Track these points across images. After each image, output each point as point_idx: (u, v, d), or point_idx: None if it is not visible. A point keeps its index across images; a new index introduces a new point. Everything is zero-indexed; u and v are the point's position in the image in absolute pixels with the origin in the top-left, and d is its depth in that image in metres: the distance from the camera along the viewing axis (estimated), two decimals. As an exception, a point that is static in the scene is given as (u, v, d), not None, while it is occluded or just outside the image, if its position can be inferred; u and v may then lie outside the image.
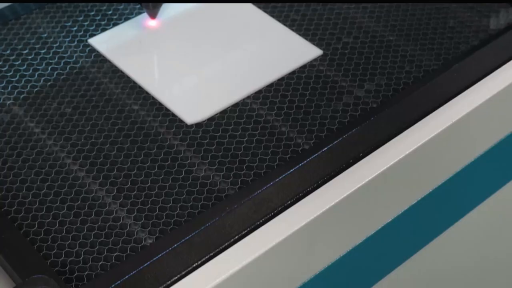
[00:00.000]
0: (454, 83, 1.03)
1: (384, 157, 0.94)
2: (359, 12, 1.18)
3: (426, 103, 1.00)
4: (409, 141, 0.96)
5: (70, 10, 1.19)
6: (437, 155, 1.00)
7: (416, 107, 1.00)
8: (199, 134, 1.02)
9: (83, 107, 1.06)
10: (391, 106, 1.01)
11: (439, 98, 1.01)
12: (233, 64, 1.11)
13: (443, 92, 1.01)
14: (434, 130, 0.97)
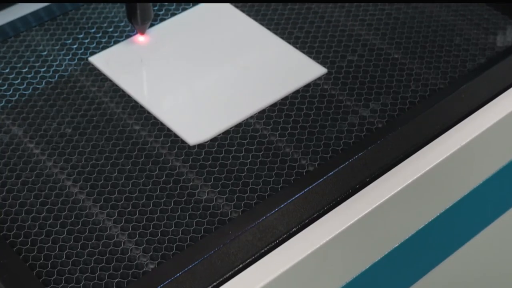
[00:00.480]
0: (462, 104, 1.01)
1: (391, 183, 0.92)
2: (364, 29, 1.17)
3: (434, 125, 0.98)
4: (416, 166, 0.94)
5: (70, 28, 1.17)
6: (444, 179, 0.98)
7: (423, 130, 0.98)
8: (202, 155, 1.00)
9: (83, 128, 1.04)
10: (398, 129, 0.99)
11: (447, 120, 0.99)
12: (236, 83, 1.09)
13: (451, 114, 0.99)
14: (442, 154, 0.95)
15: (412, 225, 0.99)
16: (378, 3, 1.20)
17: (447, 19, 1.18)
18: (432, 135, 0.97)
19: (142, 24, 1.11)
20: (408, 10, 1.19)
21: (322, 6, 1.20)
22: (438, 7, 1.20)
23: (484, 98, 1.02)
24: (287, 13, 1.19)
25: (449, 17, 1.18)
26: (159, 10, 1.20)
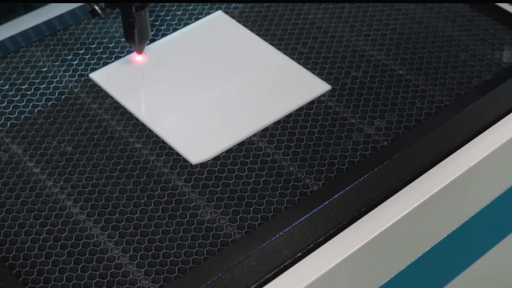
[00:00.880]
0: (470, 124, 0.99)
1: (397, 206, 0.90)
2: (368, 44, 1.15)
3: (441, 146, 0.97)
4: (423, 188, 0.92)
5: (71, 43, 1.16)
6: (452, 201, 0.96)
7: (430, 151, 0.96)
8: (204, 174, 0.99)
9: (84, 146, 1.02)
10: (404, 149, 0.97)
11: (454, 140, 0.97)
12: (239, 100, 1.07)
13: (458, 135, 0.98)
14: (449, 176, 0.93)
15: (419, 247, 0.97)
16: (382, 19, 1.18)
17: (453, 34, 1.17)
18: (439, 156, 0.95)
19: (139, 44, 1.09)
20: (413, 25, 1.18)
21: (325, 21, 1.18)
22: (443, 22, 1.18)
23: (492, 118, 1.00)
24: (290, 28, 1.18)
25: (455, 32, 1.17)
26: (161, 25, 1.18)
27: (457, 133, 0.99)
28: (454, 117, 1.01)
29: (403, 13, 1.20)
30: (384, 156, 0.98)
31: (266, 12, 1.20)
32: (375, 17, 1.19)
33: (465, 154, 0.96)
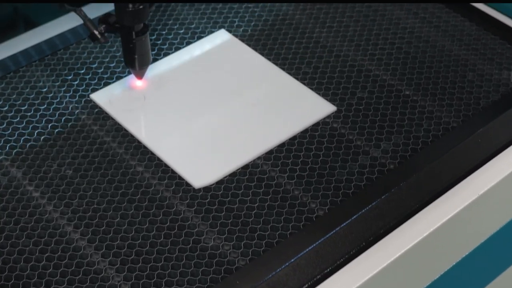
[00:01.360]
0: (479, 150, 0.97)
1: (405, 235, 0.88)
2: (374, 64, 1.13)
3: (450, 172, 0.95)
4: (432, 217, 0.90)
5: (72, 62, 1.14)
6: (461, 229, 0.94)
7: (439, 177, 0.94)
8: (207, 199, 0.97)
9: (84, 169, 1.00)
10: (412, 175, 0.95)
11: (463, 166, 0.95)
12: (242, 122, 1.05)
13: (467, 161, 0.96)
14: (459, 204, 0.91)
15: (428, 276, 0.95)
16: (388, 38, 1.16)
17: (459, 53, 1.15)
18: (449, 182, 0.93)
19: (140, 69, 1.07)
20: (419, 44, 1.16)
21: (330, 39, 1.16)
22: (450, 41, 1.16)
23: (502, 143, 0.98)
24: (295, 47, 1.16)
25: (461, 51, 1.15)
26: (163, 44, 1.16)
27: (466, 159, 0.97)
28: (463, 142, 0.99)
29: (409, 31, 1.18)
30: (391, 180, 0.96)
31: (269, 31, 1.18)
32: (381, 35, 1.17)
33: (475, 181, 0.94)
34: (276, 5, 1.22)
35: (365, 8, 1.21)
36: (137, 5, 1.00)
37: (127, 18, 1.01)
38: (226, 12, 1.21)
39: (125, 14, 1.00)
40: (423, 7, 1.21)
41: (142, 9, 1.00)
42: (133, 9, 1.00)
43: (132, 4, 0.99)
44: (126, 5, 0.99)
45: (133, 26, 1.02)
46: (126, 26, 1.02)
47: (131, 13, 1.00)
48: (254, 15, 1.20)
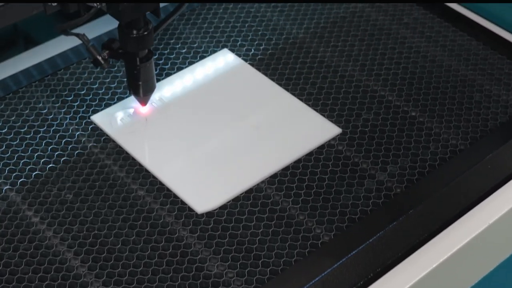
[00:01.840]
0: (489, 176, 0.95)
1: (415, 265, 0.86)
2: (379, 84, 1.11)
3: (460, 200, 0.93)
4: (442, 247, 0.88)
5: (72, 83, 1.12)
6: (472, 258, 0.92)
7: (449, 205, 0.92)
8: (210, 224, 0.95)
9: (85, 193, 0.98)
10: (421, 203, 0.93)
11: (473, 194, 0.93)
12: (246, 145, 1.03)
13: (477, 188, 0.94)
14: (469, 234, 0.89)
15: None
16: (394, 57, 1.14)
17: (466, 73, 1.13)
18: (458, 211, 0.91)
19: (144, 96, 1.05)
20: (425, 64, 1.14)
21: (335, 59, 1.15)
22: (456, 61, 1.14)
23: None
24: (299, 67, 1.14)
25: (468, 71, 1.13)
26: (164, 64, 1.14)
27: (476, 186, 0.95)
28: (472, 168, 0.97)
29: (415, 51, 1.16)
30: (398, 206, 0.94)
31: (273, 50, 1.16)
32: (386, 55, 1.15)
33: (485, 209, 0.92)
34: (280, 23, 1.20)
35: (370, 27, 1.20)
36: (142, 31, 0.97)
37: (131, 44, 0.98)
38: (229, 31, 1.19)
39: (129, 40, 0.98)
40: (429, 25, 1.20)
41: (147, 35, 0.98)
42: (137, 35, 0.97)
43: (136, 31, 0.97)
44: (130, 31, 0.97)
45: (137, 52, 0.99)
46: (130, 52, 0.99)
47: (135, 39, 0.98)
48: (257, 34, 1.19)
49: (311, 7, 1.23)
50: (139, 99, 1.05)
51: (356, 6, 1.23)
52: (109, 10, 0.94)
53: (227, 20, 1.21)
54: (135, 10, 0.94)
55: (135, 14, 0.95)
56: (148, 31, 0.98)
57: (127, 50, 0.99)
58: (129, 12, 0.93)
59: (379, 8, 1.23)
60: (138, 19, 0.96)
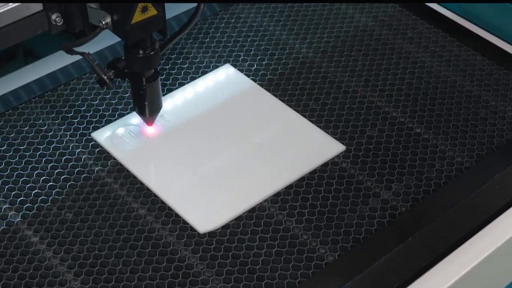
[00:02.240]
0: (497, 197, 0.94)
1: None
2: (384, 100, 1.10)
3: (468, 221, 0.91)
4: (450, 271, 0.87)
5: (72, 99, 1.10)
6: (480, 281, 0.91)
7: (456, 226, 0.91)
8: (213, 244, 0.93)
9: (85, 213, 0.97)
10: (428, 225, 0.91)
11: (481, 215, 0.92)
12: (249, 163, 1.02)
13: (485, 208, 0.92)
14: (477, 257, 0.88)
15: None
16: (398, 73, 1.13)
17: (471, 89, 1.11)
18: (466, 232, 0.90)
19: (150, 116, 1.04)
20: (429, 79, 1.13)
21: (338, 74, 1.13)
22: (461, 76, 1.13)
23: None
24: (302, 82, 1.12)
25: (474, 87, 1.12)
26: (166, 80, 1.13)
27: (484, 206, 0.93)
28: (480, 189, 0.95)
29: (420, 66, 1.15)
30: (403, 226, 0.93)
31: (276, 65, 1.15)
32: (390, 70, 1.14)
33: (494, 231, 0.91)
34: (283, 38, 1.19)
35: (374, 42, 1.18)
36: (148, 51, 0.95)
37: (137, 65, 0.97)
38: (231, 46, 1.18)
39: (135, 60, 0.96)
40: (433, 40, 1.18)
41: (153, 55, 0.96)
42: (144, 55, 0.96)
43: (142, 50, 0.95)
44: (137, 51, 0.95)
45: (143, 72, 0.98)
46: (136, 72, 0.98)
47: (142, 60, 0.96)
48: (259, 49, 1.17)
49: (314, 21, 1.21)
50: (144, 119, 1.04)
51: (360, 20, 1.21)
52: (115, 30, 0.92)
53: (229, 35, 1.19)
54: (142, 30, 0.92)
55: (142, 35, 0.93)
56: (155, 51, 0.96)
57: (133, 70, 0.97)
58: (136, 33, 0.91)
59: (382, 22, 1.21)
60: (144, 39, 0.95)
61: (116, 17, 0.91)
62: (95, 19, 0.92)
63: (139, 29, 0.91)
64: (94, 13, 0.92)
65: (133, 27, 0.91)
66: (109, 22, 0.91)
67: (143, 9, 0.90)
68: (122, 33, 0.91)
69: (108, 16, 0.91)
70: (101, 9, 0.91)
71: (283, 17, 1.22)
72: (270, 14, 1.23)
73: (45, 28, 0.92)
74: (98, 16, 0.91)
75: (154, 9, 0.91)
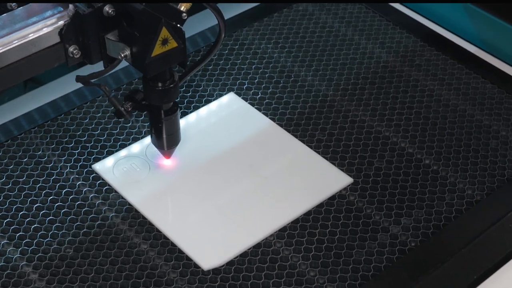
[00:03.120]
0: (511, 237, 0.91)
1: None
2: (392, 130, 1.07)
3: (481, 262, 0.89)
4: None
5: (73, 129, 1.08)
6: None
7: (469, 268, 0.88)
8: (217, 282, 0.91)
9: (86, 248, 0.94)
10: (441, 266, 0.89)
11: (495, 256, 0.89)
12: (254, 197, 0.99)
13: (499, 249, 0.90)
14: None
15: None
16: (406, 101, 1.11)
17: (481, 118, 1.09)
18: (479, 274, 0.87)
19: (168, 149, 1.01)
20: (438, 108, 1.10)
21: (345, 103, 1.11)
22: (471, 105, 1.11)
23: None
24: (308, 111, 1.10)
25: (484, 116, 1.09)
26: (169, 109, 1.10)
27: (498, 247, 0.91)
28: (493, 227, 0.93)
29: (428, 94, 1.12)
30: (413, 262, 0.90)
31: (281, 94, 1.12)
32: (398, 99, 1.12)
33: (509, 272, 0.88)
34: (288, 65, 1.16)
35: (381, 69, 1.16)
36: (167, 83, 0.93)
37: (155, 97, 0.94)
38: (235, 73, 1.15)
39: (153, 93, 0.93)
40: (441, 67, 1.16)
41: (172, 87, 0.93)
42: (163, 88, 0.93)
43: (161, 83, 0.93)
44: (156, 84, 0.93)
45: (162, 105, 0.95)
46: (154, 105, 0.96)
47: (160, 92, 0.93)
48: (264, 77, 1.15)
49: (320, 48, 1.19)
50: (162, 152, 1.01)
51: (366, 46, 1.19)
52: (134, 63, 0.89)
53: (233, 62, 1.17)
54: (162, 63, 0.89)
55: (161, 68, 0.91)
56: (174, 84, 0.93)
57: (151, 103, 0.95)
58: (155, 66, 0.89)
59: (389, 49, 1.19)
60: (163, 71, 0.92)
61: (136, 49, 0.88)
62: (113, 51, 0.90)
63: (158, 62, 0.89)
64: (112, 46, 0.89)
65: (153, 60, 0.88)
66: (128, 55, 0.89)
67: (164, 42, 0.87)
68: (142, 66, 0.89)
69: (127, 49, 0.88)
70: (120, 42, 0.89)
71: (288, 44, 1.20)
72: (274, 40, 1.20)
73: (61, 60, 0.90)
74: (117, 48, 0.89)
75: (175, 42, 0.88)
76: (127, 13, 0.87)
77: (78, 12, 0.87)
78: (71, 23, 0.87)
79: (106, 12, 0.87)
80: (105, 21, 0.87)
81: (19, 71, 0.87)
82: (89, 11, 0.86)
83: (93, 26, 0.87)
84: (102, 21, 0.87)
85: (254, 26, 1.22)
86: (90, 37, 0.88)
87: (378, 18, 1.24)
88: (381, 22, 1.23)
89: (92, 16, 0.87)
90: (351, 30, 1.22)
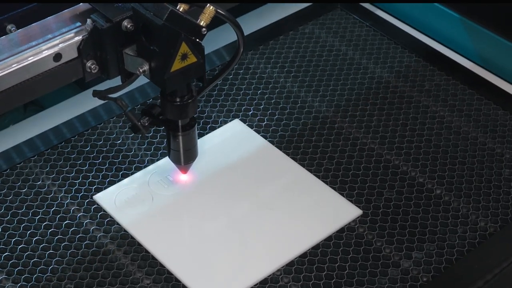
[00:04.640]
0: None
1: None
2: (401, 159, 1.04)
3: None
4: None
5: (73, 157, 1.05)
6: None
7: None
8: (222, 320, 0.88)
9: (87, 284, 0.91)
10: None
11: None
12: (259, 229, 0.96)
13: None
14: None
15: None
16: (416, 128, 1.08)
17: (494, 146, 1.06)
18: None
19: (185, 164, 0.99)
20: (449, 136, 1.07)
21: (353, 130, 1.08)
22: (482, 132, 1.08)
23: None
24: (315, 139, 1.07)
25: (496, 144, 1.06)
26: (172, 136, 1.07)
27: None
28: (507, 262, 0.90)
29: (438, 121, 1.09)
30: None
31: (287, 120, 1.09)
32: (408, 126, 1.09)
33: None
34: (294, 90, 1.13)
35: (390, 94, 1.13)
36: (185, 99, 0.91)
37: (173, 113, 0.92)
38: (240, 99, 1.12)
39: (171, 108, 0.91)
40: (452, 93, 1.13)
41: (191, 103, 0.91)
42: (181, 103, 0.91)
43: (179, 98, 0.90)
44: (174, 99, 0.90)
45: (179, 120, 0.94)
46: (172, 120, 0.93)
47: (178, 108, 0.91)
48: (270, 102, 1.12)
49: (327, 72, 1.16)
50: (179, 167, 0.99)
51: (375, 71, 1.16)
52: (153, 79, 0.87)
53: (238, 87, 1.14)
54: (180, 79, 0.87)
55: (180, 83, 0.89)
56: (192, 99, 0.91)
57: (169, 118, 0.93)
58: (174, 81, 0.87)
59: (398, 74, 1.16)
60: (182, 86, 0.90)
61: (155, 64, 0.86)
62: (131, 66, 0.88)
63: (178, 77, 0.87)
64: (130, 60, 0.88)
65: (172, 76, 0.86)
66: (146, 70, 0.87)
67: (183, 57, 0.85)
68: (160, 81, 0.87)
69: (146, 64, 0.86)
70: (139, 57, 0.87)
71: (294, 68, 1.17)
72: (280, 64, 1.17)
73: (79, 76, 0.89)
74: (135, 63, 0.87)
75: (194, 57, 0.86)
76: (146, 28, 0.85)
77: (96, 27, 0.85)
78: (89, 38, 0.86)
79: (125, 27, 0.86)
80: (123, 36, 0.86)
81: (35, 88, 0.87)
82: (108, 26, 0.85)
83: (111, 41, 0.87)
84: (121, 35, 0.86)
85: (259, 49, 1.20)
86: (108, 52, 0.87)
87: (386, 40, 1.21)
88: (389, 45, 1.21)
89: (111, 30, 0.86)
90: (358, 53, 1.19)
